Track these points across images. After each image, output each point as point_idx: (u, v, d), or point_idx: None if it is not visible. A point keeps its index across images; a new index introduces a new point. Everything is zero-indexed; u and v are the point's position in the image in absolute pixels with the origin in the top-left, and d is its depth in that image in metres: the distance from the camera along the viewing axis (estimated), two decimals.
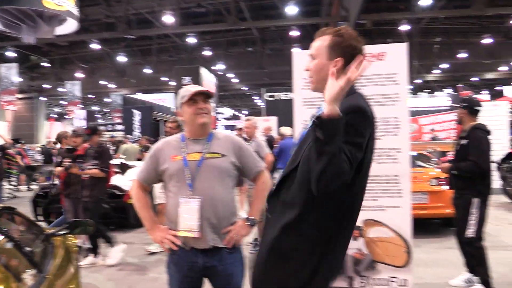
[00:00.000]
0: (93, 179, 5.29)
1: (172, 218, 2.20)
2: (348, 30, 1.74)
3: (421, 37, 23.89)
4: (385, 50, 3.35)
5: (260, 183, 2.36)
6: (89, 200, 5.26)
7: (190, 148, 2.22)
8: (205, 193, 2.13)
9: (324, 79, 1.66)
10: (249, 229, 2.27)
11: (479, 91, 33.99)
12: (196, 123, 2.21)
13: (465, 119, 4.05)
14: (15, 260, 1.97)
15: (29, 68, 29.84)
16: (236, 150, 2.27)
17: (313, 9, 21.82)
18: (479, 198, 3.85)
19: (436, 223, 7.24)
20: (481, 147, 3.88)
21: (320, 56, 1.74)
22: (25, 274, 1.86)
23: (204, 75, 11.60)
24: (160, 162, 2.24)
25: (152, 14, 19.89)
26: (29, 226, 2.55)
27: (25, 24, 11.35)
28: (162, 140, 2.37)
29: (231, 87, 31.75)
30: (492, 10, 18.19)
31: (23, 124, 31.39)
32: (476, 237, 3.87)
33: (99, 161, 5.28)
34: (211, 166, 2.18)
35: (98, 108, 41.71)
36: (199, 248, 2.15)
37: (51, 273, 2.11)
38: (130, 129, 15.33)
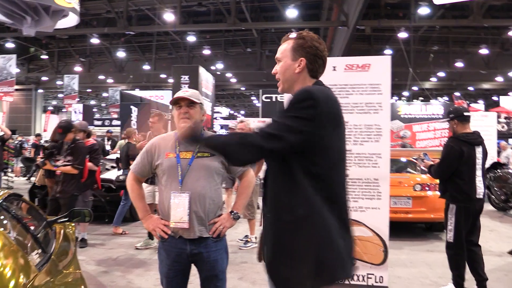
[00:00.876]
0: (67, 175, 5.30)
1: (164, 210, 2.42)
2: (309, 33, 1.89)
3: (418, 45, 24.20)
4: (370, 62, 3.56)
5: (244, 181, 2.60)
6: (62, 196, 5.27)
7: (183, 147, 2.43)
8: (194, 189, 2.34)
9: (289, 79, 1.87)
10: (233, 222, 2.49)
11: (475, 100, 34.39)
12: (179, 126, 2.44)
13: (457, 128, 4.09)
14: (24, 240, 2.17)
15: (27, 60, 29.91)
16: None
17: (313, 12, 22.09)
18: (455, 205, 3.96)
19: (420, 227, 7.50)
20: (445, 156, 4.02)
21: (285, 58, 1.88)
22: (32, 253, 2.07)
23: (202, 74, 11.77)
24: (155, 158, 2.45)
25: (152, 11, 20.03)
26: (34, 212, 2.76)
27: (28, 16, 11.47)
28: (158, 137, 2.58)
29: (229, 87, 31.92)
30: (489, 21, 18.50)
31: (20, 115, 31.49)
32: (454, 242, 3.98)
33: (73, 158, 5.30)
34: (200, 165, 2.39)
35: (95, 103, 41.79)
36: (187, 238, 2.37)
37: (54, 253, 2.32)
38: (128, 125, 15.46)
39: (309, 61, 1.84)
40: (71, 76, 26.87)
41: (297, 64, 1.84)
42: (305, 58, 1.84)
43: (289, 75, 1.87)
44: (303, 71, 1.85)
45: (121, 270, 4.97)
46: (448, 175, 4.00)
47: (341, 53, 18.59)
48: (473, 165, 3.96)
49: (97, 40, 23.98)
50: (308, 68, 1.85)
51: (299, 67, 1.84)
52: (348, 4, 15.97)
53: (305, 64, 1.84)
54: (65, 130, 5.34)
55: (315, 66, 1.86)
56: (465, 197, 3.93)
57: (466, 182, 3.94)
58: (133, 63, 29.47)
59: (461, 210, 3.94)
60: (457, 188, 3.95)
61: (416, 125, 17.71)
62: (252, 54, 26.95)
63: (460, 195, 3.94)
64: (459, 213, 3.94)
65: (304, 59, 1.84)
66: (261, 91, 18.38)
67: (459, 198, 3.95)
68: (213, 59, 27.84)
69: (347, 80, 3.62)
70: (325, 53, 1.89)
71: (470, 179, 3.95)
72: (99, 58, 30.22)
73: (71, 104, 26.73)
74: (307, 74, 1.86)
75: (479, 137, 4.09)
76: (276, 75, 1.94)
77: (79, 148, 5.44)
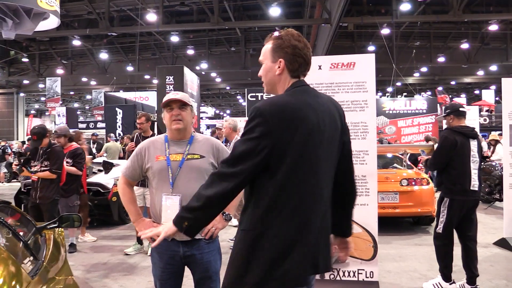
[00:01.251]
0: (45, 181, 5.23)
1: (155, 212, 2.43)
2: (288, 32, 1.85)
3: (401, 41, 24.45)
4: (355, 60, 3.61)
5: None
6: (42, 202, 5.21)
7: (172, 149, 2.44)
8: (185, 191, 2.34)
9: (271, 81, 1.86)
10: (225, 223, 2.50)
11: (457, 95, 34.93)
12: (171, 128, 2.45)
13: (453, 123, 4.20)
14: (15, 248, 2.15)
15: (8, 63, 29.40)
16: (214, 151, 2.49)
17: (296, 10, 22.15)
18: (449, 198, 4.02)
19: (407, 221, 7.61)
20: (439, 147, 4.13)
21: (266, 60, 1.87)
22: (24, 261, 2.05)
23: (187, 74, 11.71)
24: (145, 161, 2.45)
25: (135, 12, 19.85)
26: (23, 219, 2.73)
27: (8, 19, 11.30)
28: (148, 140, 2.57)
29: (214, 86, 31.85)
30: (469, 16, 18.80)
31: (2, 120, 31.00)
32: (443, 233, 4.05)
33: (50, 163, 5.23)
34: (191, 167, 2.40)
35: (78, 105, 41.31)
36: (179, 240, 2.36)
37: (46, 260, 2.31)
38: (113, 128, 15.35)
39: (288, 61, 1.81)
40: (53, 78, 26.51)
41: (277, 66, 1.82)
42: (283, 59, 1.81)
43: (270, 77, 1.86)
44: (284, 72, 1.82)
45: (112, 274, 4.94)
46: (443, 165, 4.08)
47: (324, 50, 18.71)
48: (468, 156, 4.03)
49: (79, 42, 23.69)
50: (288, 69, 1.82)
51: (279, 69, 1.82)
52: (330, 1, 16.06)
53: (284, 65, 1.82)
54: (39, 136, 5.20)
55: (295, 65, 1.82)
56: (459, 188, 3.98)
57: (460, 173, 4.00)
58: (116, 64, 29.18)
59: (454, 203, 4.00)
60: (451, 179, 4.01)
61: (400, 121, 17.95)
62: (236, 53, 26.92)
63: (454, 186, 3.99)
64: (452, 206, 4.00)
65: (282, 60, 1.81)
66: (246, 90, 18.42)
67: (453, 190, 3.99)
68: (197, 59, 27.73)
69: (333, 78, 3.66)
70: (305, 51, 1.84)
71: (464, 170, 4.01)
72: (81, 60, 29.84)
73: (54, 107, 26.41)
74: (287, 74, 1.83)
75: (474, 131, 4.19)
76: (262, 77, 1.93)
77: (56, 152, 5.32)
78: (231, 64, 27.69)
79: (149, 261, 5.17)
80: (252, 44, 26.43)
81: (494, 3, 19.47)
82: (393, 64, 18.29)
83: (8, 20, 10.94)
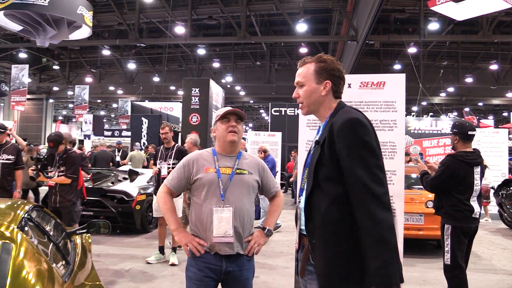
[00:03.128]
0: (63, 185, 5.32)
1: (201, 225, 2.37)
2: (328, 56, 1.98)
3: (428, 60, 24.23)
4: (385, 80, 3.59)
5: (277, 200, 2.67)
6: (62, 205, 5.30)
7: (221, 163, 2.45)
8: (235, 203, 2.36)
9: (316, 102, 1.95)
10: (266, 239, 2.49)
11: (485, 116, 34.25)
12: (226, 140, 2.44)
13: (458, 145, 4.00)
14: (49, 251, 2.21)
15: (39, 70, 30.35)
16: (260, 170, 2.55)
17: (323, 27, 22.26)
18: (451, 226, 3.83)
19: (432, 244, 7.45)
20: (439, 172, 3.92)
21: (308, 82, 1.94)
22: (57, 264, 2.10)
23: (213, 87, 11.85)
24: (193, 172, 2.43)
25: (163, 24, 20.30)
26: (54, 223, 2.80)
27: (42, 28, 11.69)
28: (195, 152, 2.56)
29: (238, 100, 32.10)
30: (499, 37, 18.54)
31: (30, 125, 31.85)
32: (452, 264, 3.80)
33: (65, 168, 5.32)
34: (240, 181, 2.43)
35: (104, 113, 42.17)
36: (223, 254, 2.34)
37: (76, 265, 2.36)
38: (138, 137, 15.58)
39: (334, 83, 1.93)
40: (82, 86, 27.19)
41: (323, 87, 1.92)
42: (330, 81, 1.92)
43: (315, 98, 1.94)
44: (329, 93, 1.93)
45: (134, 282, 4.99)
46: (439, 191, 3.96)
47: (350, 67, 18.69)
48: (471, 184, 3.86)
49: (108, 52, 24.32)
50: (333, 90, 1.94)
51: (324, 90, 1.92)
52: (357, 18, 16.09)
53: (330, 87, 1.93)
54: (55, 143, 5.33)
55: (338, 87, 1.95)
56: (461, 215, 3.81)
57: (463, 201, 3.84)
58: (143, 74, 29.78)
59: (457, 230, 3.81)
60: (453, 206, 3.85)
61: (426, 141, 17.67)
62: (261, 67, 27.13)
63: (456, 212, 3.83)
64: (455, 234, 3.81)
65: (329, 82, 1.92)
66: (270, 104, 18.47)
67: (455, 216, 3.83)
68: (222, 72, 28.05)
69: (362, 97, 3.65)
70: (344, 73, 1.98)
71: (466, 198, 3.85)
72: (109, 69, 30.60)
73: (82, 114, 27.04)
74: (332, 95, 1.94)
75: (478, 157, 3.97)
76: (299, 98, 1.99)
77: (72, 158, 5.42)
78: (255, 78, 27.91)
79: (170, 270, 5.20)
80: (277, 59, 26.62)
81: None
82: (420, 83, 18.11)
83: (49, 29, 11.35)
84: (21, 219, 2.11)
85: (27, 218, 2.23)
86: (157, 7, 19.48)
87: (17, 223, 2.01)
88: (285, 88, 26.50)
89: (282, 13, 18.07)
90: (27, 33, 12.19)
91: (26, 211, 2.30)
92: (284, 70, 26.98)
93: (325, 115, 1.95)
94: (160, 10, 19.59)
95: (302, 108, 2.00)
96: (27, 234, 2.00)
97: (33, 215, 2.40)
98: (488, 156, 9.88)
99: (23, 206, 2.41)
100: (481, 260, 6.49)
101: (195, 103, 11.20)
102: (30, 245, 1.87)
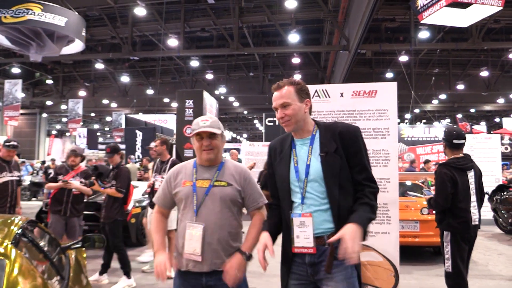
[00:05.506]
0: (110, 200, 5.37)
1: (179, 240, 2.34)
2: (296, 79, 2.29)
3: (419, 68, 24.43)
4: (377, 88, 3.63)
5: (256, 218, 2.44)
6: (106, 221, 5.34)
7: (200, 175, 2.37)
8: (209, 219, 2.27)
9: (301, 119, 2.21)
10: (246, 263, 2.30)
11: (477, 122, 34.52)
12: (202, 158, 2.39)
13: (447, 151, 4.03)
14: (43, 266, 2.19)
15: (33, 85, 30.26)
16: (241, 180, 2.40)
17: (315, 37, 22.42)
18: (450, 232, 3.82)
19: (428, 251, 7.45)
20: (440, 184, 3.87)
21: (294, 101, 2.19)
22: (52, 280, 2.09)
23: (206, 99, 11.87)
24: (173, 186, 2.39)
25: (156, 37, 20.36)
26: (49, 238, 2.79)
27: (34, 42, 11.69)
28: (179, 165, 2.51)
29: (232, 111, 32.14)
30: (488, 44, 18.75)
31: (24, 139, 31.62)
32: (453, 272, 3.80)
33: (116, 181, 5.38)
34: (217, 194, 2.31)
35: (98, 126, 42.04)
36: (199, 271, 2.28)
37: (71, 280, 2.34)
38: (132, 149, 15.55)
39: (310, 101, 2.27)
40: (76, 100, 27.16)
41: (305, 105, 2.23)
42: (309, 99, 2.25)
43: (301, 116, 2.21)
44: (308, 110, 2.25)
45: None
46: (449, 202, 3.83)
47: (342, 77, 18.80)
48: (468, 190, 3.85)
49: (101, 65, 24.31)
50: (310, 107, 2.26)
51: (306, 107, 2.23)
52: (349, 28, 16.23)
53: (310, 104, 2.26)
54: (112, 149, 5.56)
55: (311, 104, 2.28)
56: (463, 224, 3.80)
57: (463, 209, 3.82)
58: (136, 87, 29.76)
59: (457, 237, 3.80)
60: (454, 215, 3.82)
61: (419, 148, 17.76)
62: (255, 78, 27.22)
63: (458, 223, 3.81)
64: (455, 240, 3.80)
65: (309, 100, 2.25)
66: (264, 115, 18.52)
67: (457, 226, 3.81)
68: (216, 83, 28.11)
69: (354, 106, 3.68)
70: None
71: (466, 205, 3.84)
72: (103, 82, 30.54)
73: (75, 128, 26.97)
74: (308, 112, 2.26)
75: (470, 161, 3.98)
76: (284, 117, 2.20)
77: (123, 172, 5.51)
78: (249, 89, 27.99)
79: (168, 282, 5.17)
80: (270, 69, 26.73)
81: None
82: (412, 91, 18.25)
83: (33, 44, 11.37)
84: (15, 235, 2.09)
85: (21, 233, 2.21)
86: (150, 20, 19.55)
87: (11, 238, 2.00)
88: None
89: (274, 24, 18.20)
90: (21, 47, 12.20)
91: (20, 227, 2.28)
92: (277, 80, 26.46)
93: (309, 129, 2.23)
94: (153, 23, 19.65)
95: (290, 125, 2.21)
96: (21, 250, 1.98)
97: (27, 231, 2.38)
98: (481, 161, 9.91)
99: (17, 222, 2.39)
100: (478, 266, 6.50)
101: (189, 115, 11.19)
102: (24, 261, 1.86)
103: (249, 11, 18.85)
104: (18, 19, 10.50)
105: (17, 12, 10.43)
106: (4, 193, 5.29)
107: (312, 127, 2.23)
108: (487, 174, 10.07)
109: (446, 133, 4.07)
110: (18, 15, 10.45)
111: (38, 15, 10.64)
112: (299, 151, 2.21)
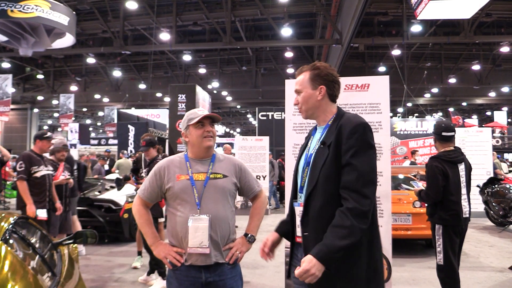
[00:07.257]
0: None
1: (177, 235, 2.28)
2: (321, 63, 2.13)
3: (412, 62, 24.52)
4: (369, 82, 3.63)
5: (258, 202, 2.52)
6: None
7: (194, 168, 2.33)
8: (210, 211, 2.24)
9: (313, 106, 2.10)
10: (249, 245, 2.39)
11: (469, 116, 34.75)
12: (202, 146, 2.34)
13: (437, 145, 4.06)
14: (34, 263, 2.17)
15: (23, 80, 29.97)
16: (237, 171, 2.41)
17: (307, 31, 22.40)
18: (442, 225, 3.83)
19: (420, 243, 7.51)
20: (431, 177, 3.89)
21: (305, 88, 2.10)
22: (43, 276, 2.07)
23: (199, 93, 11.84)
24: (165, 181, 2.32)
25: (148, 31, 20.21)
26: (40, 234, 2.76)
27: (24, 36, 11.57)
28: (166, 159, 2.43)
29: (225, 105, 32.06)
30: (480, 37, 18.85)
31: (15, 135, 31.38)
32: (445, 264, 3.81)
33: None
34: (215, 186, 2.30)
35: (90, 122, 41.78)
36: (202, 265, 2.24)
37: (62, 276, 2.32)
38: (125, 144, 15.47)
39: (328, 87, 2.08)
40: (67, 95, 26.92)
41: (318, 92, 2.08)
42: (324, 86, 2.08)
43: (312, 103, 2.10)
44: (324, 97, 2.09)
45: None
46: (440, 195, 3.85)
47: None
48: (459, 183, 3.88)
49: (93, 60, 24.13)
50: (328, 94, 2.09)
51: (320, 94, 2.08)
52: (341, 22, 16.22)
53: (325, 91, 2.08)
54: (148, 143, 5.38)
55: (333, 91, 2.11)
56: (454, 217, 3.82)
57: (455, 201, 3.84)
58: (129, 82, 29.58)
59: (448, 230, 3.82)
60: (446, 208, 3.84)
61: (412, 141, 17.85)
62: (248, 72, 27.15)
63: (449, 216, 3.82)
64: (446, 234, 3.82)
65: (324, 87, 2.08)
66: (257, 109, 18.49)
67: (448, 219, 3.82)
68: (208, 78, 28.01)
69: (347, 99, 3.67)
70: (338, 78, 2.13)
71: (457, 198, 3.86)
72: (94, 77, 30.33)
73: (67, 123, 26.77)
74: (328, 99, 2.10)
75: (460, 154, 3.99)
76: (298, 104, 2.15)
77: None
78: (242, 83, 27.93)
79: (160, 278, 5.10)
80: (263, 63, 26.68)
81: (505, 25, 19.54)
82: (404, 85, 18.31)
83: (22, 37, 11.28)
84: (5, 231, 2.07)
85: (11, 230, 2.19)
86: (142, 14, 19.40)
87: (0, 235, 1.98)
88: (271, 92, 26.56)
89: (267, 18, 18.14)
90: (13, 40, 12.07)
91: (10, 223, 2.26)
92: (270, 74, 27.04)
93: (325, 119, 2.09)
94: (145, 17, 19.50)
95: (302, 113, 2.15)
96: (11, 247, 1.96)
97: (18, 227, 2.36)
98: (473, 155, 10.00)
99: (7, 218, 2.37)
100: (469, 258, 6.56)
101: (182, 109, 11.17)
102: (14, 258, 1.84)
103: (241, 4, 18.78)
104: (27, 15, 10.54)
105: (25, 8, 10.45)
106: (43, 187, 5.15)
107: (331, 115, 2.08)
108: (478, 167, 10.17)
109: (435, 126, 4.11)
110: (26, 11, 10.47)
111: (46, 13, 10.73)
112: (314, 140, 2.13)
